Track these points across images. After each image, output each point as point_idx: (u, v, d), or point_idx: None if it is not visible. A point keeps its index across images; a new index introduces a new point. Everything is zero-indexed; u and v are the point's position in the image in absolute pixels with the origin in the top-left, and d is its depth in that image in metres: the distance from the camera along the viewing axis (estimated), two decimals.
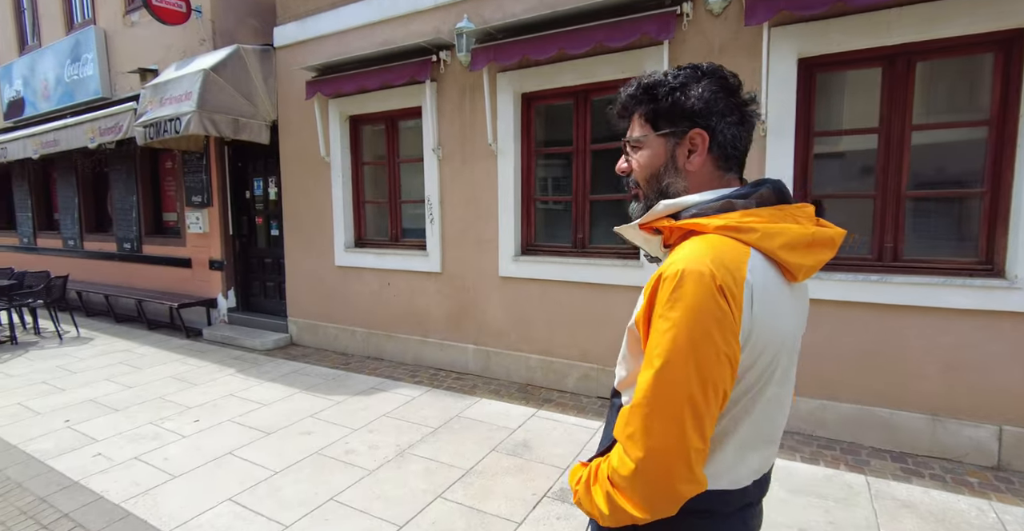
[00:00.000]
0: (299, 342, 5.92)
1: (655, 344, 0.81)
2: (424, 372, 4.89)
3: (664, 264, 0.85)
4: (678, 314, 0.79)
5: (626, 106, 0.99)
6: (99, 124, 6.21)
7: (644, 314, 0.86)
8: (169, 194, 7.49)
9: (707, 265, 0.79)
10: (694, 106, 0.91)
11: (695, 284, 0.79)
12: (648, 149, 0.97)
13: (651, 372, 0.80)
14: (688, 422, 0.78)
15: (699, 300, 0.78)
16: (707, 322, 0.78)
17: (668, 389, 0.79)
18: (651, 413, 0.80)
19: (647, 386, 0.81)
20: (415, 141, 5.04)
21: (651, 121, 0.96)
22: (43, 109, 8.41)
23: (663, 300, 0.81)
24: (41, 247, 9.46)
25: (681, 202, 0.91)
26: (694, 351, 0.78)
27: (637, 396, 0.82)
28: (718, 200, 0.89)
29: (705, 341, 0.78)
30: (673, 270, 0.81)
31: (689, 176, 0.94)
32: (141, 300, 6.78)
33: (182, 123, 5.08)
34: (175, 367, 5.24)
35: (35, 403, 4.34)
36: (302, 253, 5.77)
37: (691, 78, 0.93)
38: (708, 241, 0.84)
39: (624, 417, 0.84)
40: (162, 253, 7.25)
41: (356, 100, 5.12)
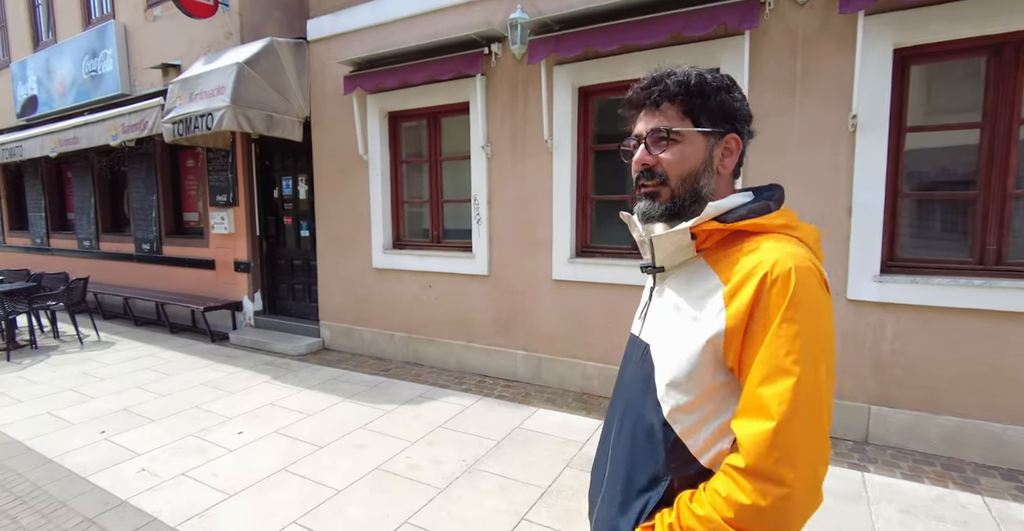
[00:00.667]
0: (332, 347, 5.70)
1: (785, 350, 0.74)
2: (470, 379, 4.67)
3: (749, 264, 0.80)
4: (806, 315, 0.75)
5: (666, 92, 0.91)
6: (123, 121, 6.00)
7: (743, 321, 0.78)
8: (190, 193, 7.27)
9: (808, 261, 0.79)
10: (739, 110, 0.92)
11: (811, 280, 0.77)
12: (686, 145, 0.91)
13: (790, 382, 0.73)
14: (828, 427, 0.76)
15: (818, 297, 0.77)
16: (829, 320, 0.78)
17: (812, 398, 0.74)
18: (801, 428, 0.73)
19: (789, 399, 0.73)
20: (460, 138, 4.83)
21: (692, 115, 0.91)
22: (59, 106, 8.19)
23: (780, 302, 0.75)
24: (55, 248, 9.23)
25: (726, 203, 0.88)
26: (825, 353, 0.76)
27: (777, 413, 0.73)
28: (756, 201, 0.89)
29: (831, 341, 0.78)
30: (783, 269, 0.77)
31: (719, 178, 0.93)
32: (163, 303, 6.56)
33: (214, 119, 4.87)
34: (206, 374, 5.02)
35: (66, 413, 4.12)
36: (336, 255, 5.55)
37: (729, 82, 0.93)
38: (781, 240, 0.83)
39: (763, 441, 0.74)
40: (183, 254, 7.03)
41: (397, 95, 4.91)
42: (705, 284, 0.85)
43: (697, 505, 0.78)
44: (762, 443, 0.74)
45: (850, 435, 3.33)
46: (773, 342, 0.75)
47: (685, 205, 0.91)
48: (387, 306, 5.25)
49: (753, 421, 0.75)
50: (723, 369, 0.82)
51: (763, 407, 0.74)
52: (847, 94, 3.18)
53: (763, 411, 0.74)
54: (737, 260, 0.82)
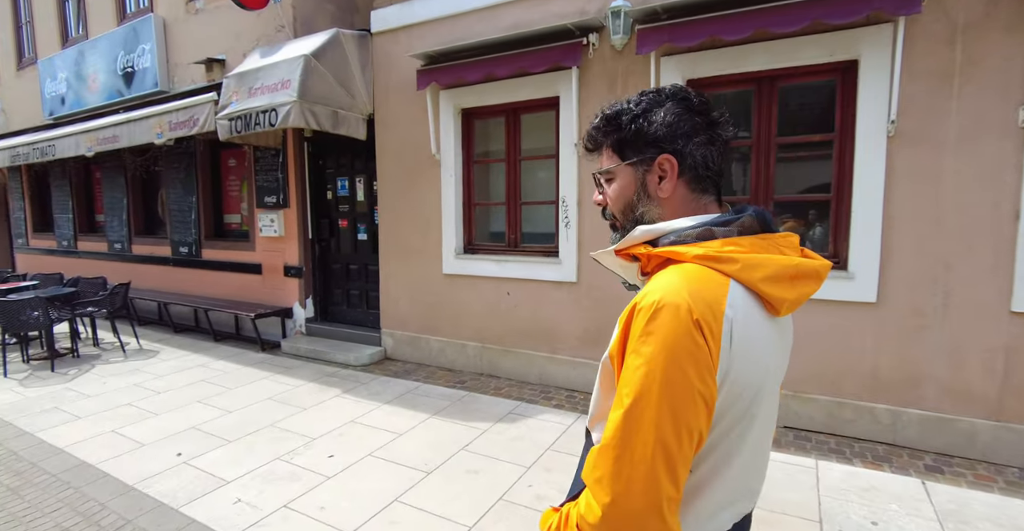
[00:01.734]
0: (395, 356, 5.40)
1: (626, 381, 0.76)
2: (557, 393, 4.37)
3: (639, 294, 0.80)
4: (651, 349, 0.74)
5: (594, 139, 0.97)
6: (169, 118, 5.69)
7: (618, 347, 0.81)
8: (232, 194, 6.97)
9: (684, 297, 0.75)
10: (657, 132, 0.89)
11: (670, 317, 0.74)
12: (619, 180, 0.95)
13: (620, 411, 0.75)
14: (660, 467, 0.73)
15: (674, 335, 0.74)
16: (682, 359, 0.74)
17: (639, 430, 0.73)
18: (620, 456, 0.74)
19: (616, 426, 0.75)
20: (542, 135, 4.54)
21: (618, 151, 0.94)
22: (91, 103, 7.89)
23: (636, 333, 0.77)
24: (82, 250, 8.93)
25: (659, 228, 0.87)
26: (668, 390, 0.73)
27: (606, 436, 0.76)
28: (697, 227, 0.85)
29: (680, 379, 0.73)
30: (648, 301, 0.77)
31: (663, 203, 0.91)
32: (207, 309, 6.26)
33: (279, 115, 4.57)
34: (269, 386, 4.72)
35: (132, 431, 3.82)
36: (400, 259, 5.25)
37: (653, 103, 0.91)
38: (686, 271, 0.80)
39: (592, 459, 0.78)
40: (225, 258, 6.72)
41: (473, 91, 4.61)
42: None
43: (579, 503, 0.80)
44: (590, 459, 0.78)
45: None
46: (623, 372, 0.77)
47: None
48: (458, 314, 4.95)
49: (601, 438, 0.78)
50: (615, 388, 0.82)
51: (606, 430, 0.77)
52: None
53: (605, 433, 0.77)
54: (645, 287, 0.82)
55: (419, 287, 5.16)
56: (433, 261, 5.02)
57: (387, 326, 5.44)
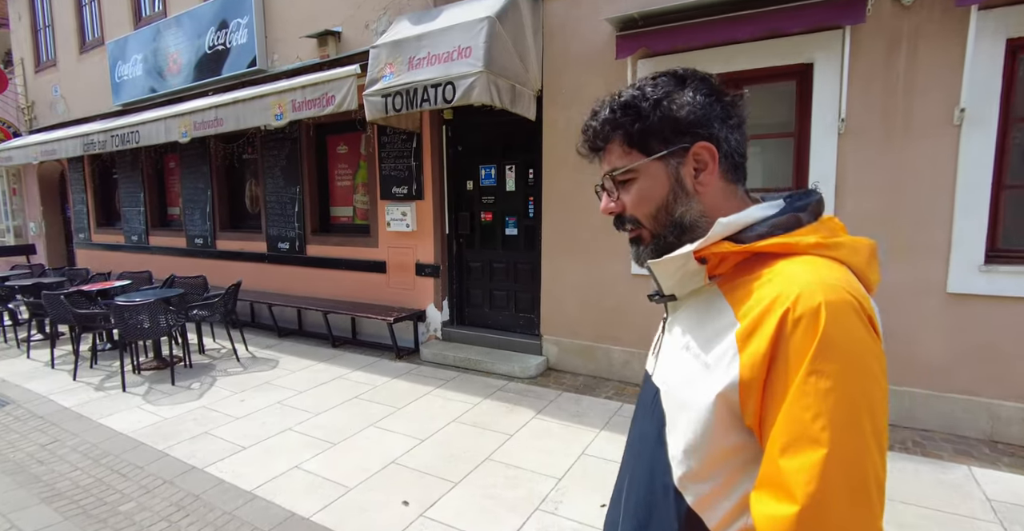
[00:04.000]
0: (560, 367, 4.74)
1: (813, 413, 0.57)
2: None
3: (765, 297, 0.63)
4: (839, 366, 0.57)
5: (600, 134, 0.80)
6: (293, 97, 5.01)
7: (761, 371, 0.61)
8: (341, 185, 6.30)
9: (846, 292, 0.61)
10: (689, 115, 0.75)
11: (847, 318, 0.59)
12: (644, 179, 0.78)
13: (819, 455, 0.55)
14: (879, 508, 0.57)
15: (860, 340, 0.60)
16: (875, 368, 0.60)
17: (854, 475, 0.56)
18: (836, 514, 0.55)
19: (817, 478, 0.55)
20: (769, 110, 3.84)
21: (638, 145, 0.78)
22: (172, 86, 7.23)
23: (806, 348, 0.58)
24: (155, 246, 8.31)
25: (742, 218, 0.72)
26: (871, 411, 0.58)
27: (802, 494, 0.55)
28: (782, 215, 0.72)
29: (879, 394, 0.59)
30: (809, 305, 0.59)
31: (702, 198, 0.77)
32: (327, 312, 5.61)
33: (457, 89, 3.88)
34: (441, 405, 4.07)
35: (321, 467, 3.18)
36: (569, 257, 4.58)
37: (675, 84, 0.77)
38: (813, 264, 0.66)
39: (784, 528, 0.56)
40: (337, 255, 6.07)
41: (682, 59, 3.90)
42: (718, 320, 0.69)
43: None
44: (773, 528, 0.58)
45: None
46: (797, 401, 0.58)
47: (671, 240, 0.78)
48: (649, 320, 4.27)
49: (773, 501, 0.58)
50: (741, 428, 0.65)
51: (783, 484, 0.58)
52: None
53: (783, 489, 0.58)
54: (753, 291, 0.66)
55: (594, 289, 4.49)
56: (614, 259, 4.35)
57: (550, 332, 4.77)
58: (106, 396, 4.47)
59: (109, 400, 4.37)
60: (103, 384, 4.76)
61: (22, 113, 10.18)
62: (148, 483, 3.06)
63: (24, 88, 10.11)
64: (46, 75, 9.70)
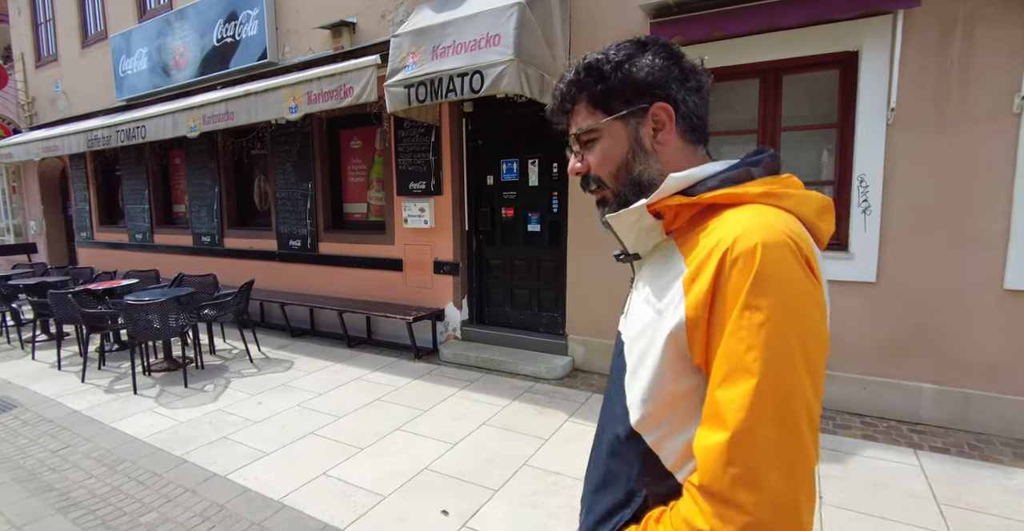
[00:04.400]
0: (586, 367, 4.59)
1: (746, 346, 0.59)
2: (849, 420, 3.53)
3: (712, 241, 0.66)
4: (771, 300, 0.60)
5: (567, 96, 0.82)
6: (309, 88, 4.84)
7: (703, 310, 0.64)
8: (355, 181, 6.14)
9: (782, 234, 0.63)
10: (648, 77, 0.78)
11: (782, 257, 0.61)
12: (606, 138, 0.81)
13: (750, 385, 0.58)
14: (808, 438, 0.59)
15: (794, 277, 0.62)
16: (808, 304, 0.62)
17: (781, 405, 0.58)
18: (766, 440, 0.57)
19: (747, 406, 0.58)
20: (809, 101, 3.69)
21: (602, 105, 0.80)
22: (178, 80, 7.05)
23: (741, 285, 0.61)
24: (159, 244, 8.13)
25: (692, 174, 0.74)
26: (802, 344, 0.60)
27: (734, 419, 0.58)
28: (734, 168, 0.74)
29: (812, 330, 0.62)
30: (744, 246, 0.62)
31: (660, 156, 0.80)
32: (343, 311, 5.45)
33: (486, 78, 3.73)
34: (468, 406, 3.91)
35: (350, 474, 3.02)
36: (596, 253, 4.43)
37: (636, 49, 0.80)
38: (757, 211, 0.67)
39: (716, 454, 0.59)
40: (351, 252, 5.91)
41: (719, 48, 3.75)
42: (672, 270, 0.72)
43: (662, 527, 0.67)
44: (716, 458, 0.60)
45: None
46: (733, 334, 0.61)
47: (630, 199, 0.79)
48: None
49: (709, 431, 0.62)
50: (691, 369, 0.67)
51: (719, 414, 0.61)
52: None
53: (719, 419, 0.60)
54: (701, 239, 0.69)
55: (622, 286, 4.33)
56: None
57: (576, 332, 4.62)
58: (117, 399, 4.30)
59: (120, 403, 4.20)
60: (113, 386, 4.59)
61: (22, 109, 9.99)
62: (169, 492, 2.90)
63: (24, 84, 9.92)
64: (47, 70, 9.51)
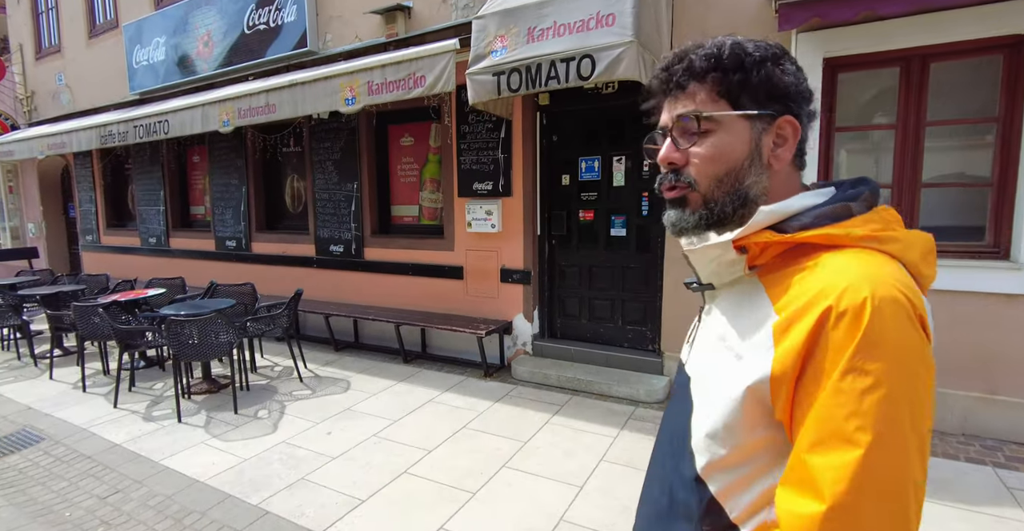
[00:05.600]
0: None
1: (848, 411, 0.54)
2: (1005, 448, 3.13)
3: (808, 291, 0.60)
4: (882, 366, 0.54)
5: (692, 70, 0.70)
6: (369, 77, 4.33)
7: (795, 366, 0.58)
8: (404, 181, 5.64)
9: (896, 289, 0.57)
10: (790, 85, 0.70)
11: (896, 317, 0.55)
12: (723, 133, 0.69)
13: (853, 456, 0.53)
14: (915, 522, 0.54)
15: (908, 341, 0.56)
16: (921, 371, 0.56)
17: (890, 481, 0.53)
18: (868, 521, 0.52)
19: (848, 480, 0.53)
20: (964, 92, 3.29)
21: (730, 96, 0.69)
22: (201, 72, 6.51)
23: (847, 344, 0.55)
24: (176, 249, 7.55)
25: (785, 208, 0.67)
26: (913, 417, 0.54)
27: (831, 494, 0.53)
28: (829, 204, 0.67)
29: (924, 400, 0.56)
30: (854, 300, 0.56)
31: (772, 174, 0.71)
32: (399, 323, 4.95)
33: (600, 62, 3.27)
34: (571, 437, 3.44)
35: (473, 529, 2.54)
36: None
37: (782, 52, 0.71)
38: (861, 258, 0.61)
39: (810, 526, 0.54)
40: (402, 259, 5.41)
41: (856, 32, 3.32)
42: (756, 312, 0.66)
43: None
44: (809, 529, 0.54)
45: None
46: (833, 398, 0.55)
47: (727, 211, 0.71)
48: None
49: (799, 497, 0.56)
50: (771, 421, 0.62)
51: (811, 480, 0.55)
52: None
53: (811, 486, 0.55)
54: (795, 283, 0.63)
55: None
56: None
57: (674, 348, 4.17)
58: (160, 428, 3.78)
59: (166, 434, 3.68)
60: (151, 412, 4.06)
61: (20, 104, 9.33)
62: None
63: (23, 77, 9.26)
64: (48, 62, 8.88)
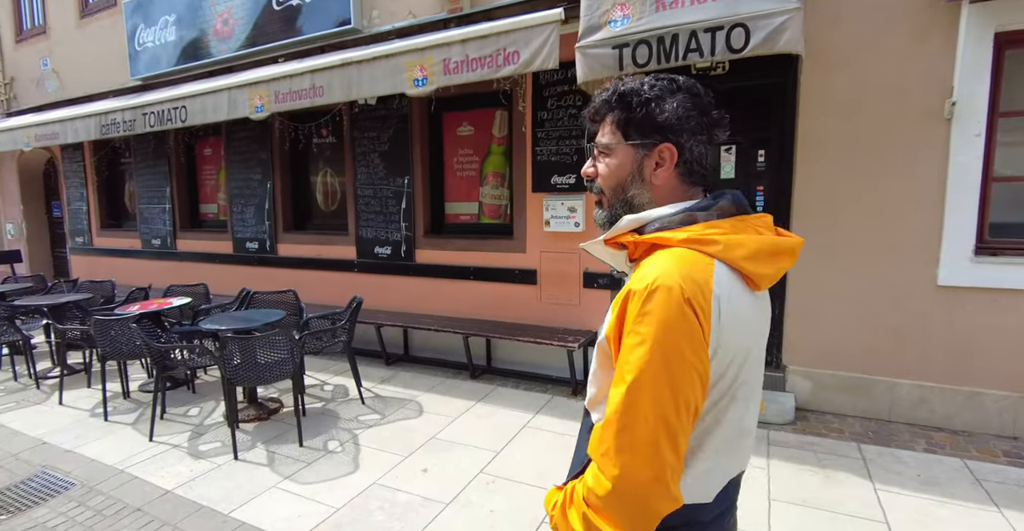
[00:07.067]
0: (814, 406, 3.69)
1: (625, 360, 0.80)
2: None
3: (633, 279, 0.85)
4: (648, 329, 0.78)
5: (599, 110, 0.97)
6: (448, 54, 3.75)
7: (614, 330, 0.85)
8: (461, 175, 5.07)
9: (676, 279, 0.79)
10: (666, 121, 0.90)
11: (665, 299, 0.78)
12: (616, 157, 0.95)
13: (623, 388, 0.79)
14: (662, 439, 0.77)
15: (669, 315, 0.78)
16: (678, 337, 0.78)
17: (641, 405, 0.78)
18: (624, 430, 0.78)
19: (619, 403, 0.79)
20: None
21: (622, 129, 0.94)
22: (220, 53, 5.82)
23: (633, 315, 0.80)
24: (184, 251, 6.82)
25: (644, 217, 0.91)
26: (666, 367, 0.77)
27: (610, 412, 0.81)
28: (679, 213, 0.89)
29: (676, 356, 0.78)
30: (642, 285, 0.80)
31: (654, 189, 0.94)
32: (468, 335, 4.39)
33: (756, 32, 2.78)
34: None
35: None
36: (832, 260, 3.54)
37: (667, 91, 0.91)
38: (674, 255, 0.84)
39: (597, 435, 0.82)
40: (460, 262, 4.85)
41: None
42: None
43: (585, 478, 0.84)
44: (595, 436, 0.83)
45: None
46: (622, 352, 0.81)
47: (618, 214, 0.95)
48: (963, 347, 3.28)
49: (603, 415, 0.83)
50: (612, 366, 0.86)
51: (608, 407, 0.81)
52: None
53: (608, 410, 0.81)
54: (636, 271, 0.86)
55: (872, 302, 3.47)
56: (910, 265, 3.34)
57: (799, 362, 3.72)
58: (215, 468, 3.16)
59: (224, 476, 3.07)
60: (197, 446, 3.43)
61: None
62: None
63: (1, 62, 8.36)
64: (31, 45, 8.02)
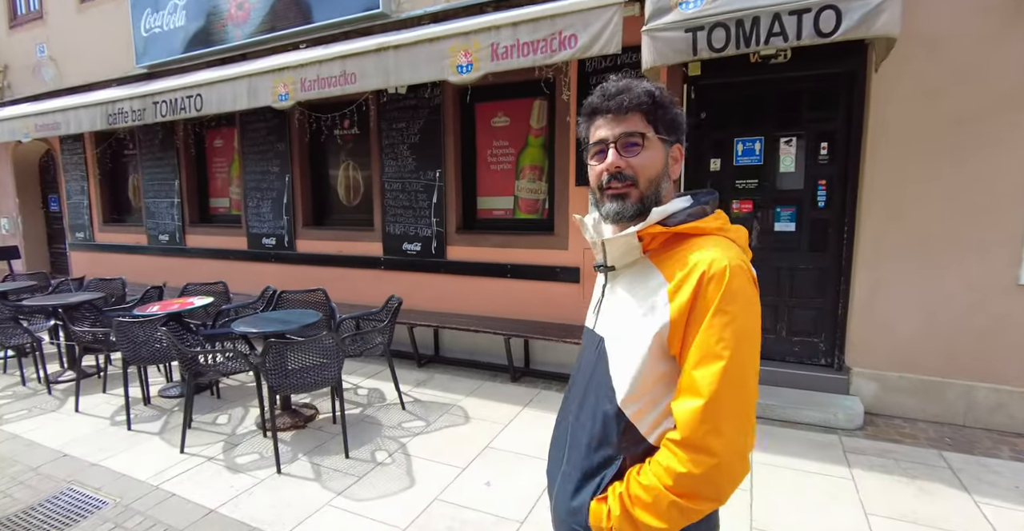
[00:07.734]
0: (880, 410, 3.52)
1: (718, 338, 0.85)
2: None
3: (688, 264, 0.91)
4: (735, 307, 0.86)
5: (634, 103, 0.98)
6: (496, 38, 3.50)
7: (685, 312, 0.89)
8: (496, 168, 4.83)
9: (738, 261, 0.90)
10: (684, 124, 1.02)
11: (743, 278, 0.88)
12: (651, 150, 0.99)
13: (719, 365, 0.84)
14: (752, 410, 0.87)
15: (748, 293, 0.88)
16: (757, 313, 0.90)
17: (739, 380, 0.85)
18: (730, 403, 0.84)
19: (718, 379, 0.84)
20: None
21: (654, 125, 0.98)
22: (235, 39, 5.53)
23: (715, 296, 0.86)
24: (193, 248, 6.53)
25: (668, 209, 0.97)
26: (752, 342, 0.88)
27: (708, 390, 0.84)
28: (694, 206, 0.99)
29: (757, 331, 0.89)
30: (718, 268, 0.87)
31: (669, 182, 1.02)
32: (509, 335, 4.18)
33: (848, 15, 2.58)
34: (800, 482, 2.78)
35: None
36: (906, 259, 3.37)
37: (675, 98, 1.02)
38: (718, 241, 0.94)
39: (694, 416, 0.85)
40: (495, 258, 4.62)
41: None
42: (650, 282, 0.96)
43: (643, 476, 0.91)
44: (694, 418, 0.85)
45: None
46: (707, 331, 0.87)
47: (650, 205, 0.98)
48: None
49: (687, 399, 0.87)
50: (667, 357, 0.93)
51: (695, 387, 0.86)
52: None
53: (695, 390, 0.86)
54: (679, 260, 0.93)
55: (949, 303, 3.30)
56: (989, 264, 3.18)
57: (864, 363, 3.55)
58: (258, 483, 2.93)
59: (269, 491, 2.84)
60: (233, 458, 3.20)
61: None
62: None
63: None
64: (26, 32, 7.64)
